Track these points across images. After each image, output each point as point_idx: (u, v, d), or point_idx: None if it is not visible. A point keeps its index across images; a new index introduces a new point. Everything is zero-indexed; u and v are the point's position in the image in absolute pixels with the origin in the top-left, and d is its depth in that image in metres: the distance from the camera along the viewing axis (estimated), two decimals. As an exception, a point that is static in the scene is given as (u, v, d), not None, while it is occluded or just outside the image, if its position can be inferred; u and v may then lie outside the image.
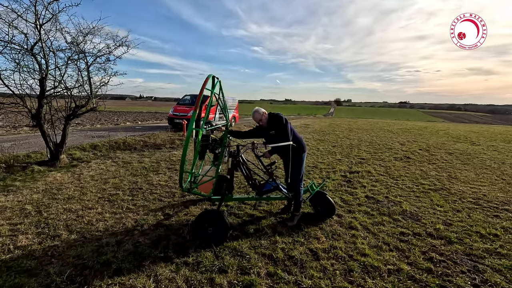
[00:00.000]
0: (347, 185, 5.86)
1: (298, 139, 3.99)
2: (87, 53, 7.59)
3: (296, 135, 3.99)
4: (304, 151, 4.02)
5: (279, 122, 3.81)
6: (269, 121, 3.91)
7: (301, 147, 3.98)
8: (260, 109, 3.97)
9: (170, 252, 3.13)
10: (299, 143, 3.98)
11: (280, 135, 3.80)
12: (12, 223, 3.78)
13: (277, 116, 3.89)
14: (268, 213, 4.34)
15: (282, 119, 3.83)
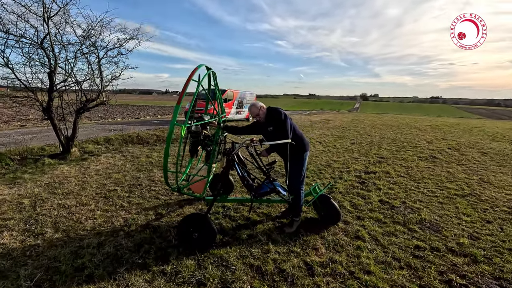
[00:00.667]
0: (360, 187, 5.34)
1: (299, 137, 3.57)
2: (99, 46, 7.58)
3: (297, 132, 3.58)
4: (305, 150, 3.60)
5: (277, 117, 3.42)
6: (267, 116, 3.53)
7: (302, 146, 3.57)
8: (257, 102, 3.60)
9: (150, 258, 2.88)
10: (300, 141, 3.56)
11: (279, 132, 3.42)
12: (4, 218, 3.73)
13: (275, 110, 3.50)
14: (266, 216, 3.99)
15: (281, 113, 3.43)
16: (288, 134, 3.38)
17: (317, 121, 19.33)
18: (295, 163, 3.59)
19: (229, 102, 16.36)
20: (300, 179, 3.60)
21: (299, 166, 3.58)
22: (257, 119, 3.62)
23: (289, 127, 3.42)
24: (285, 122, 3.40)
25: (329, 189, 5.16)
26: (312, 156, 7.94)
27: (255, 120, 3.71)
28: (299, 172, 3.59)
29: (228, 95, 16.29)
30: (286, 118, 3.43)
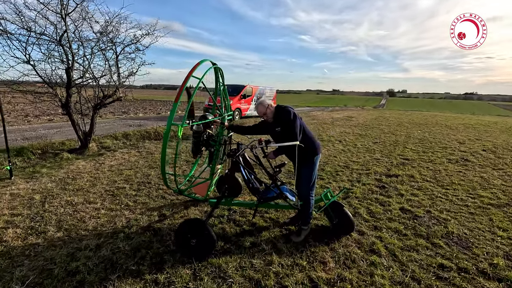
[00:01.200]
0: (379, 192, 4.93)
1: (309, 139, 3.27)
2: (116, 42, 7.63)
3: (307, 133, 3.28)
4: (316, 154, 3.29)
5: (285, 117, 3.14)
6: (275, 115, 3.26)
7: (312, 149, 3.27)
8: (264, 101, 3.33)
9: (144, 265, 2.73)
10: (310, 144, 3.26)
11: (287, 133, 3.14)
12: (13, 213, 3.77)
13: (283, 110, 3.22)
14: (274, 222, 3.73)
15: (290, 113, 3.15)
16: (296, 135, 3.09)
17: (339, 118, 18.63)
18: (304, 167, 3.30)
19: (248, 98, 16.15)
20: (309, 185, 3.30)
21: (308, 170, 3.29)
22: (264, 119, 3.37)
23: (298, 128, 3.13)
24: (293, 123, 3.11)
25: (345, 194, 4.80)
26: (330, 156, 7.55)
27: (263, 119, 3.45)
28: (309, 177, 3.30)
29: (247, 91, 16.07)
30: (295, 118, 3.14)
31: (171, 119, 2.67)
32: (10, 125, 11.50)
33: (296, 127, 3.11)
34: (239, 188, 4.42)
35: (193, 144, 3.33)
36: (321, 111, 27.00)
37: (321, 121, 16.48)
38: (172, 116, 2.68)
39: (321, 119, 18.01)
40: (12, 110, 16.25)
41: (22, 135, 9.05)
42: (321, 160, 7.02)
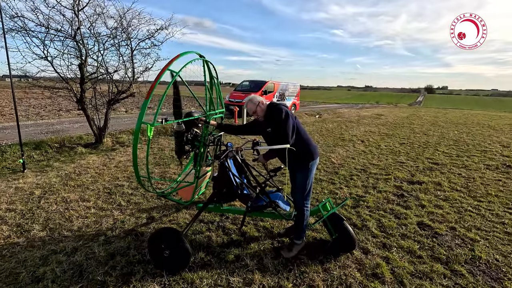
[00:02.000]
0: (396, 202, 4.34)
1: (304, 141, 2.85)
2: (132, 37, 7.63)
3: (302, 135, 2.86)
4: (312, 159, 2.87)
5: (276, 116, 2.75)
6: (266, 114, 2.88)
7: (307, 153, 2.85)
8: (255, 97, 2.96)
9: (112, 276, 2.52)
10: (305, 147, 2.84)
11: (277, 134, 2.75)
12: (8, 209, 3.78)
13: (275, 108, 2.83)
14: (267, 232, 3.37)
15: (281, 111, 2.75)
16: (288, 137, 2.69)
17: (366, 116, 17.58)
18: (298, 174, 2.90)
19: (270, 94, 15.71)
20: (303, 193, 2.89)
21: (303, 177, 2.88)
22: (255, 117, 3.00)
23: (291, 129, 2.73)
24: (285, 123, 2.71)
25: (356, 202, 4.28)
26: (347, 158, 6.96)
27: (255, 118, 3.08)
28: (303, 184, 2.88)
29: (269, 87, 15.64)
30: (288, 118, 2.74)
31: (141, 118, 2.41)
32: (42, 118, 12.18)
33: (288, 128, 2.71)
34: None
35: (176, 145, 3.06)
36: (349, 109, 25.80)
37: (346, 119, 15.62)
38: (142, 114, 2.41)
39: (346, 116, 17.11)
40: (48, 105, 17.31)
41: (47, 129, 9.47)
42: (336, 163, 6.48)
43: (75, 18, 6.37)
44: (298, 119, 2.91)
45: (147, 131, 2.40)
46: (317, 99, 56.16)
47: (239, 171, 3.34)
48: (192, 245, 3.02)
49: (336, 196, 4.50)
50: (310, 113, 18.80)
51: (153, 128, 2.44)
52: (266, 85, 15.41)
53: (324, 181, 5.19)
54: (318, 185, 5.00)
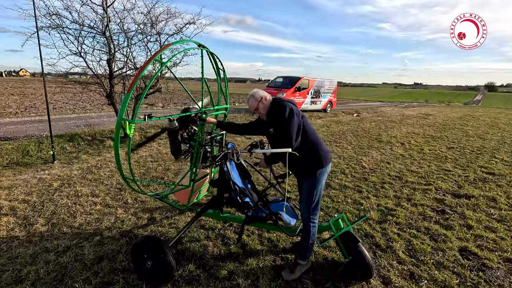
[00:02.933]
0: (435, 220, 3.63)
1: (313, 145, 2.40)
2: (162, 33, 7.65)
3: (311, 137, 2.41)
4: (321, 166, 2.40)
5: (278, 114, 2.34)
6: (269, 111, 2.47)
7: (315, 159, 2.39)
8: (257, 92, 2.55)
9: (91, 284, 2.33)
10: (313, 152, 2.39)
11: (280, 136, 2.34)
12: (23, 200, 3.88)
13: (278, 104, 2.41)
14: (272, 245, 2.97)
15: (285, 108, 2.33)
16: (291, 139, 2.27)
17: (411, 116, 16.01)
18: (304, 183, 2.46)
19: (304, 90, 15.05)
20: (309, 207, 2.44)
21: (309, 187, 2.43)
22: (257, 116, 2.60)
23: (295, 129, 2.29)
24: (288, 123, 2.29)
25: (383, 216, 3.67)
26: (381, 162, 6.20)
27: (258, 117, 2.69)
28: (309, 196, 2.43)
29: (303, 83, 14.97)
30: (292, 116, 2.30)
31: (121, 114, 2.17)
32: (84, 112, 13.04)
33: (292, 128, 2.28)
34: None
35: (170, 144, 2.79)
36: (393, 107, 23.93)
37: (387, 119, 14.37)
38: (123, 109, 2.17)
39: (388, 116, 15.76)
40: (85, 99, 18.60)
41: (86, 121, 10.02)
42: (368, 167, 5.79)
43: (104, 14, 6.50)
44: (306, 118, 2.46)
45: (125, 128, 2.14)
46: (359, 96, 53.37)
47: (242, 175, 2.98)
48: (184, 255, 2.75)
49: (361, 207, 3.92)
50: (348, 112, 17.72)
51: (133, 126, 2.18)
52: (300, 81, 14.77)
53: (349, 188, 4.61)
54: (341, 192, 4.43)
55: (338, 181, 4.91)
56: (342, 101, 31.28)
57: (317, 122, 12.51)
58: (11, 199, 3.89)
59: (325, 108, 16.73)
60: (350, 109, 20.09)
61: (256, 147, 2.59)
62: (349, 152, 7.02)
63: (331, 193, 4.38)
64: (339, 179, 5.02)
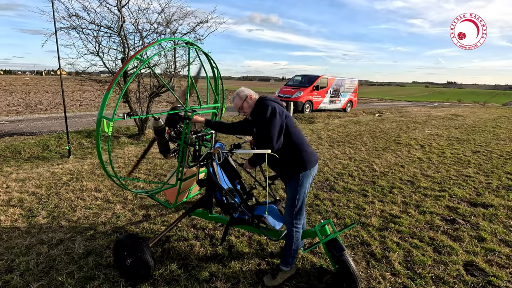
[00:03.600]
0: (442, 229, 3.36)
1: (296, 146, 2.28)
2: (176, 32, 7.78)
3: (294, 138, 2.29)
4: (304, 169, 2.28)
5: (260, 113, 2.25)
6: (253, 111, 2.39)
7: (297, 161, 2.27)
8: (243, 90, 2.48)
9: (73, 278, 2.38)
10: (295, 154, 2.28)
11: (261, 136, 2.25)
12: (32, 192, 4.08)
13: (261, 103, 2.32)
14: (260, 248, 2.89)
15: (267, 108, 2.23)
16: (271, 140, 2.17)
17: (437, 116, 15.10)
18: (287, 186, 2.36)
19: (322, 89, 14.67)
20: (292, 211, 2.33)
21: (291, 191, 2.32)
22: (243, 115, 2.53)
23: (276, 129, 2.19)
24: (269, 122, 2.19)
25: (385, 223, 3.45)
26: (395, 165, 5.88)
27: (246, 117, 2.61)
28: (291, 200, 2.33)
29: (322, 82, 14.60)
30: (273, 116, 2.20)
31: (101, 112, 2.18)
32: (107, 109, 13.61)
33: (273, 128, 2.18)
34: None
35: (158, 143, 2.79)
36: (420, 107, 22.74)
37: (410, 119, 13.66)
38: (102, 107, 2.18)
39: (412, 116, 14.98)
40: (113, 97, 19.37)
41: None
42: (379, 170, 5.51)
43: (119, 14, 6.70)
44: (291, 119, 2.35)
45: (103, 127, 2.15)
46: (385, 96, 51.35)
47: (230, 175, 2.92)
48: (169, 254, 2.74)
49: (362, 213, 3.72)
50: (370, 111, 17.08)
51: (112, 124, 2.18)
52: (318, 79, 14.42)
53: (353, 192, 4.40)
54: (345, 196, 4.24)
55: (343, 184, 4.70)
56: (365, 101, 30.27)
57: (334, 122, 12.16)
58: (22, 191, 4.11)
59: (345, 108, 16.24)
60: (373, 108, 19.34)
61: (239, 147, 2.52)
62: (362, 154, 6.73)
63: (333, 197, 4.20)
64: (345, 182, 4.81)
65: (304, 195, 2.34)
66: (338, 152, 6.83)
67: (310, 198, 4.14)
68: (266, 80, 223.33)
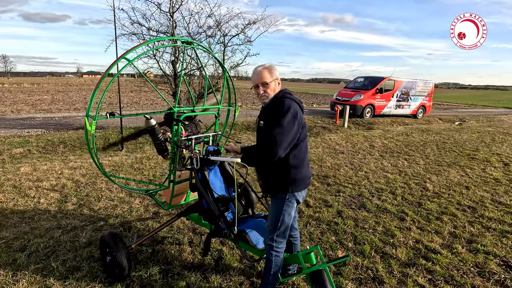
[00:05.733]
0: (497, 278, 2.53)
1: (292, 162, 1.93)
2: (226, 34, 8.00)
3: (294, 151, 1.92)
4: (291, 190, 1.93)
5: (278, 111, 1.86)
6: (272, 101, 1.97)
7: (285, 179, 1.93)
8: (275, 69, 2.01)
9: (64, 266, 2.51)
10: (287, 170, 1.92)
11: (265, 134, 1.90)
12: (76, 180, 4.58)
13: (284, 100, 1.90)
14: (252, 266, 2.62)
15: (289, 109, 1.85)
16: (278, 145, 1.79)
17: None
18: (271, 202, 2.05)
19: (387, 92, 13.18)
20: (273, 232, 2.02)
21: (274, 209, 2.02)
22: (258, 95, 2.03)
23: (290, 137, 1.83)
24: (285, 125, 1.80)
25: (415, 256, 2.78)
26: (456, 185, 4.81)
27: None
28: (273, 219, 2.02)
29: (387, 84, 13.12)
30: (293, 121, 1.83)
31: (88, 111, 2.24)
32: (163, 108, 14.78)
33: (286, 134, 1.81)
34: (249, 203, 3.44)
35: (154, 143, 2.77)
36: (501, 115, 18.64)
37: (500, 130, 11.25)
38: (89, 107, 2.24)
39: (505, 126, 12.34)
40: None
41: (159, 117, 11.33)
42: (431, 190, 4.59)
43: (171, 19, 7.17)
44: (306, 129, 1.99)
45: (86, 124, 2.20)
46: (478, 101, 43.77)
47: (226, 181, 2.74)
48: (157, 256, 2.70)
49: (390, 240, 3.09)
50: (448, 119, 14.75)
51: (94, 122, 2.22)
52: (383, 81, 13.03)
53: (388, 213, 3.72)
54: (375, 216, 3.61)
55: (378, 202, 4.03)
56: (448, 106, 26.29)
57: (397, 129, 10.80)
58: (69, 178, 4.66)
59: (415, 114, 14.31)
60: (454, 115, 16.62)
61: (217, 153, 2.31)
62: (417, 168, 5.73)
63: (359, 216, 3.62)
64: (381, 200, 4.12)
65: (288, 218, 1.98)
66: (387, 164, 5.96)
67: (331, 214, 3.65)
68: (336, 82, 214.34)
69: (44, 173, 4.81)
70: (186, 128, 2.82)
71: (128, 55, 2.38)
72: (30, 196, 3.91)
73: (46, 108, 13.67)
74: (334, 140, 8.26)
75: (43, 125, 8.78)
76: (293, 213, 2.03)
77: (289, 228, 2.07)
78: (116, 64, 2.58)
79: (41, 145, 6.52)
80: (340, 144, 7.83)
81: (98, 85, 2.25)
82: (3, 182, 4.34)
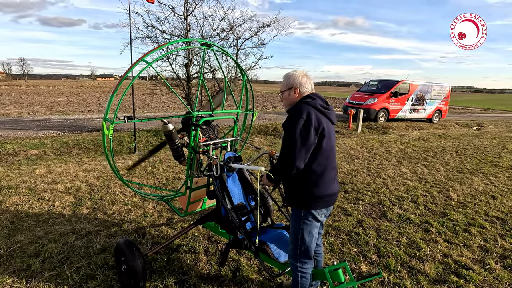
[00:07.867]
0: (539, 300, 2.33)
1: (312, 174, 1.79)
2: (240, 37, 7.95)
3: (315, 162, 1.78)
4: (311, 207, 1.80)
5: (289, 118, 1.78)
6: (290, 110, 1.86)
7: (304, 194, 1.80)
8: (295, 75, 1.90)
9: (78, 274, 2.44)
10: (306, 184, 1.80)
11: (284, 148, 1.77)
12: (90, 183, 4.56)
13: (296, 106, 1.82)
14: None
15: (300, 115, 1.73)
16: (294, 158, 1.69)
17: None
18: (291, 218, 1.92)
19: (402, 96, 12.86)
20: (296, 251, 1.89)
21: (294, 226, 1.89)
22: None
23: (305, 147, 1.71)
24: (296, 133, 1.69)
25: (445, 272, 2.60)
26: (481, 195, 4.57)
27: None
28: (294, 237, 1.89)
29: (401, 87, 12.81)
30: (307, 130, 1.70)
31: (106, 114, 2.18)
32: (175, 111, 14.84)
33: (298, 144, 1.69)
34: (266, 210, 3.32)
35: (170, 148, 2.68)
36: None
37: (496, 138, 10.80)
38: (107, 110, 2.17)
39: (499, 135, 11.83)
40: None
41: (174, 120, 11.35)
42: (455, 199, 4.36)
43: (185, 23, 7.15)
44: (330, 135, 1.84)
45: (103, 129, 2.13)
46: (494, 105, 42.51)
47: (244, 189, 2.63)
48: (172, 265, 2.60)
49: (416, 253, 2.91)
50: (466, 123, 14.30)
51: (112, 127, 2.15)
52: (397, 85, 12.73)
53: (412, 224, 3.53)
54: (398, 227, 3.43)
55: (400, 212, 3.85)
56: (464, 110, 25.59)
57: (413, 134, 10.50)
58: (84, 180, 4.65)
59: (431, 118, 13.93)
60: (471, 120, 16.11)
61: (238, 160, 2.21)
62: (438, 176, 5.50)
63: (381, 226, 3.45)
64: (403, 209, 3.93)
65: (309, 237, 1.85)
66: (406, 171, 5.75)
67: (351, 223, 3.49)
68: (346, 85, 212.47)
69: (59, 175, 4.82)
70: (204, 133, 2.74)
71: (146, 57, 2.31)
72: (45, 199, 3.90)
73: (61, 110, 13.93)
74: (349, 144, 8.06)
75: (58, 127, 8.90)
76: (314, 231, 1.87)
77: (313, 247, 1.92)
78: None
79: (56, 147, 6.57)
80: (355, 149, 7.63)
81: (117, 88, 2.18)
82: (19, 184, 4.35)
